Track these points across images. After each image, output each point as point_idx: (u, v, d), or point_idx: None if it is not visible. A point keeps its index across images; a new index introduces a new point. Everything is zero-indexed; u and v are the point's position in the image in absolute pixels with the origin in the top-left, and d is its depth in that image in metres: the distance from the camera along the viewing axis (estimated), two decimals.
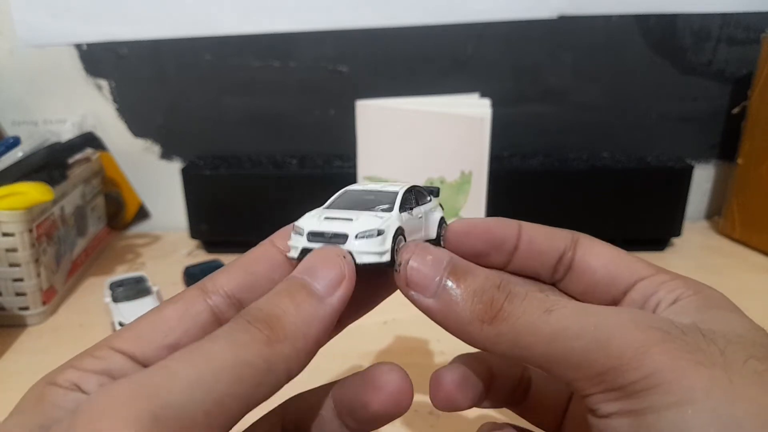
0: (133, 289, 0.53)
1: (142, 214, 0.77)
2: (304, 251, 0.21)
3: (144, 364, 0.19)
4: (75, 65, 0.70)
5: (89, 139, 0.70)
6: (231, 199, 0.66)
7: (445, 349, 0.46)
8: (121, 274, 0.58)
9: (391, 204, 0.23)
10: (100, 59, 0.69)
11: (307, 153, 0.71)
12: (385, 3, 0.66)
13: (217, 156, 0.70)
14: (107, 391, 0.16)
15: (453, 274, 0.20)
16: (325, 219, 0.22)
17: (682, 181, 0.63)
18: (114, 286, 0.53)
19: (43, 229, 0.54)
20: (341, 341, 0.24)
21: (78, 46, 0.69)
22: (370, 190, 0.24)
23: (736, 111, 0.68)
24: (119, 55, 0.69)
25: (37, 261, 0.53)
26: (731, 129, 0.69)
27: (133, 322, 0.20)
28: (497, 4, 0.66)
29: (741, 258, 0.64)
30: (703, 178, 0.73)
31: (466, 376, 0.24)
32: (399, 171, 0.59)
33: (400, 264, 0.21)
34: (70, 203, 0.61)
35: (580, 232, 0.24)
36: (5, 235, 0.50)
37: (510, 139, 0.68)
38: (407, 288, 0.21)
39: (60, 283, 0.58)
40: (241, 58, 0.69)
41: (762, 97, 0.63)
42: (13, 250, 0.51)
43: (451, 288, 0.20)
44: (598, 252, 0.23)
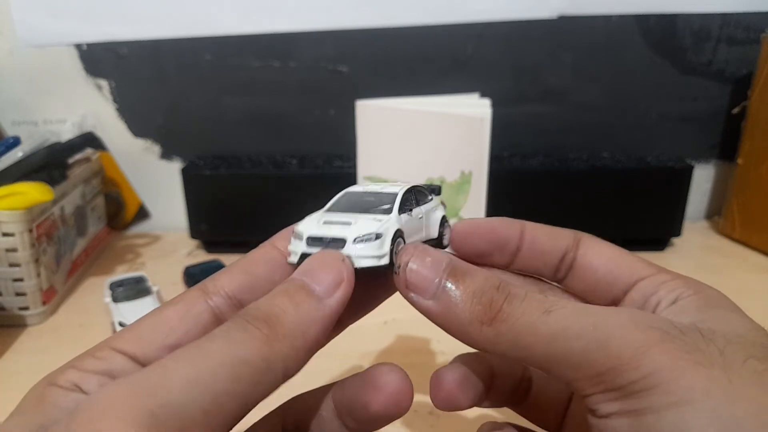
0: (133, 289, 0.53)
1: (142, 214, 0.77)
2: (304, 256, 0.21)
3: (145, 364, 0.19)
4: (75, 65, 0.70)
5: (89, 139, 0.70)
6: (231, 199, 0.66)
7: (445, 349, 0.46)
8: (121, 274, 0.58)
9: (391, 205, 0.23)
10: (100, 59, 0.69)
11: (307, 153, 0.71)
12: (385, 3, 0.66)
13: (217, 156, 0.70)
14: (106, 391, 0.16)
15: (452, 276, 0.20)
16: (324, 223, 0.22)
17: (682, 181, 0.63)
18: (114, 286, 0.53)
19: (43, 229, 0.54)
20: (341, 341, 0.24)
21: (78, 46, 0.69)
22: (370, 192, 0.24)
23: (736, 111, 0.68)
24: (119, 55, 0.69)
25: (37, 261, 0.53)
26: (731, 129, 0.69)
27: (134, 323, 0.20)
28: (497, 4, 0.66)
29: (741, 258, 0.64)
30: (703, 178, 0.73)
31: (467, 376, 0.24)
32: (399, 171, 0.59)
33: (400, 266, 0.21)
34: (70, 203, 0.61)
35: (582, 232, 0.24)
36: (5, 235, 0.50)
37: (510, 139, 0.68)
38: (407, 290, 0.21)
39: (60, 283, 0.58)
40: (241, 58, 0.69)
41: (762, 97, 0.63)
42: (13, 250, 0.51)
43: (451, 289, 0.20)
44: (599, 251, 0.23)
